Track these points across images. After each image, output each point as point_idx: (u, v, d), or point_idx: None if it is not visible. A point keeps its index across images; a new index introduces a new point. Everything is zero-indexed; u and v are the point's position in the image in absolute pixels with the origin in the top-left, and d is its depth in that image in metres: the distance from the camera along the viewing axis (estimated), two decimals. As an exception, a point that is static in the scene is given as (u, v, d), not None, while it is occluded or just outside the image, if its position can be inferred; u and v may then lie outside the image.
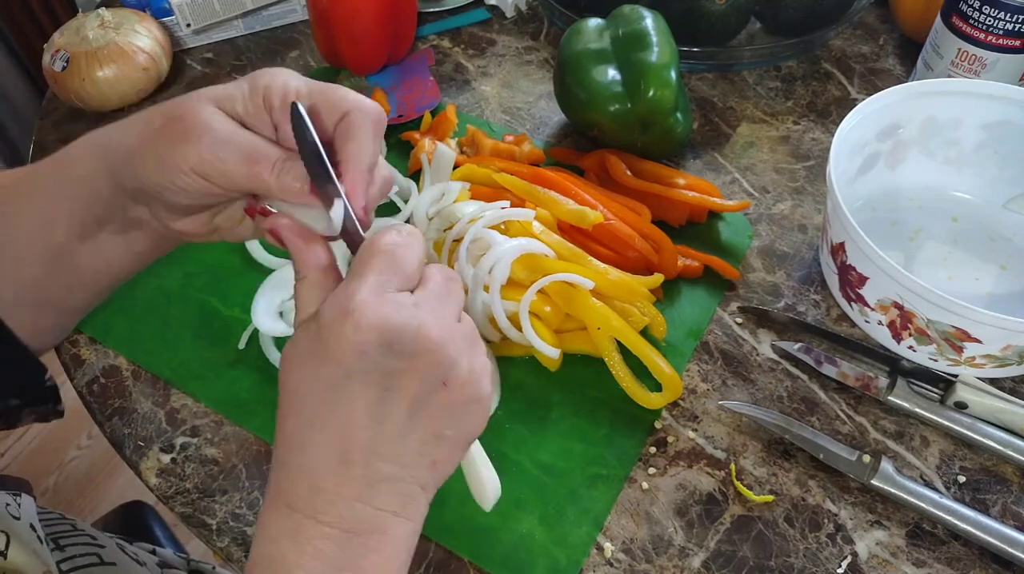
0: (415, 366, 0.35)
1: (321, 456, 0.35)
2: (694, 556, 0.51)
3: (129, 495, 1.24)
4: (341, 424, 0.35)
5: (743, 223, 0.68)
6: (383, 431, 0.35)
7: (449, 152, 0.68)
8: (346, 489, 0.35)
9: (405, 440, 0.36)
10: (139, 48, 0.78)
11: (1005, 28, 0.66)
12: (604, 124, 0.68)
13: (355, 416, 0.35)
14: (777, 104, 0.79)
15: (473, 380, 0.37)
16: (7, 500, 0.49)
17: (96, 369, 0.62)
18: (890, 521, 0.52)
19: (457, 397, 0.37)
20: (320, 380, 0.35)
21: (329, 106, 0.39)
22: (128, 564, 0.60)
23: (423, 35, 0.88)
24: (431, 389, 0.36)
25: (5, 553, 0.45)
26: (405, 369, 0.35)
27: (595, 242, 0.62)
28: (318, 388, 0.35)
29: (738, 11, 0.78)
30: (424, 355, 0.35)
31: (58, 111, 0.82)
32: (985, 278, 0.63)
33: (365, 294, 0.34)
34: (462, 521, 0.52)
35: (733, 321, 0.62)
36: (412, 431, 0.36)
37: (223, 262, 0.67)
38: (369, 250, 0.36)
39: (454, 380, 0.36)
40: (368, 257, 0.36)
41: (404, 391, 0.35)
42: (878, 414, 0.57)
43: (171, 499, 0.54)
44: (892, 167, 0.68)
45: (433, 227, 0.63)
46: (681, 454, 0.55)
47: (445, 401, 0.36)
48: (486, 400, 0.39)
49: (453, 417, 0.37)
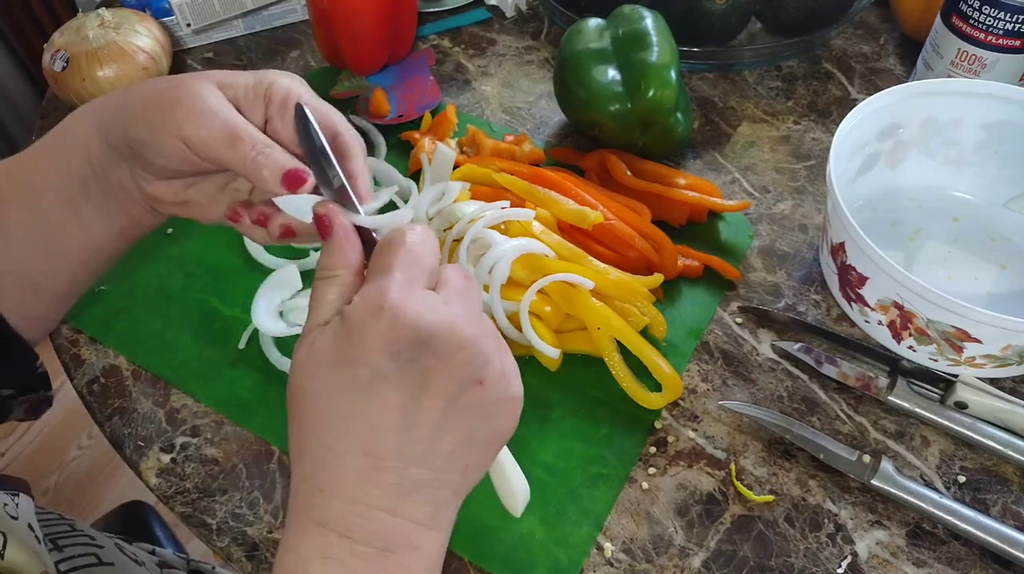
0: (450, 363, 0.34)
1: (353, 466, 0.34)
2: (694, 556, 0.51)
3: (129, 495, 1.24)
4: (373, 428, 0.34)
5: (743, 223, 0.68)
6: (417, 434, 0.34)
7: (449, 152, 0.68)
8: (380, 500, 0.34)
9: (439, 443, 0.35)
10: (139, 48, 0.78)
11: (1005, 28, 0.66)
12: (604, 124, 0.68)
13: (388, 419, 0.34)
14: (777, 104, 0.79)
15: (507, 377, 0.37)
16: (5, 500, 0.49)
17: (96, 369, 0.62)
18: (890, 521, 0.52)
19: (491, 395, 0.36)
20: (349, 383, 0.34)
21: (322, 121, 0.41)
22: (127, 564, 0.60)
23: (423, 35, 0.88)
24: (466, 386, 0.35)
25: (3, 553, 0.45)
26: (440, 367, 0.34)
27: (595, 242, 0.62)
28: (347, 391, 0.34)
29: (738, 11, 0.78)
30: (459, 353, 0.34)
31: (58, 111, 0.82)
32: (985, 278, 0.63)
33: (396, 291, 0.33)
34: (462, 521, 0.51)
35: (733, 321, 0.62)
36: (447, 433, 0.35)
37: (223, 262, 0.67)
38: (391, 247, 0.36)
39: (489, 377, 0.36)
40: (391, 255, 0.35)
41: (439, 390, 0.34)
42: (878, 414, 0.57)
43: (171, 499, 0.54)
44: (892, 167, 0.68)
45: (433, 227, 0.63)
46: (681, 454, 0.55)
47: (480, 399, 0.36)
48: (517, 400, 0.38)
49: (487, 417, 0.36)
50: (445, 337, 0.34)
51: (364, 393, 0.34)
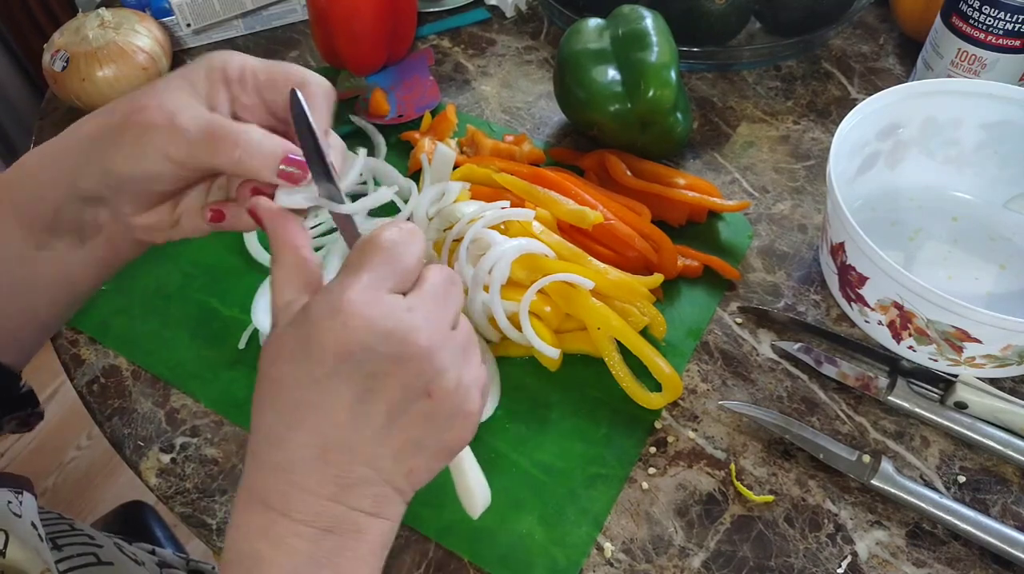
0: (399, 371, 0.34)
1: (298, 454, 0.35)
2: (694, 556, 0.51)
3: (129, 495, 1.24)
4: (320, 421, 0.34)
5: (743, 223, 0.68)
6: (362, 434, 0.35)
7: (449, 152, 0.68)
8: (323, 488, 0.35)
9: (382, 446, 0.35)
10: (139, 48, 0.78)
11: (1005, 28, 0.66)
12: (604, 124, 0.68)
13: (335, 414, 0.34)
14: (777, 104, 0.79)
15: (460, 393, 0.36)
16: (9, 497, 0.49)
17: (96, 369, 0.62)
18: (890, 521, 0.52)
19: (440, 409, 0.36)
20: (303, 375, 0.34)
21: (284, 77, 0.41)
22: (126, 564, 0.60)
23: (423, 35, 0.88)
24: (413, 397, 0.35)
25: (4, 551, 0.45)
26: (388, 373, 0.34)
27: (595, 242, 0.62)
28: (300, 382, 0.34)
29: (738, 11, 0.78)
30: (409, 362, 0.34)
31: (58, 111, 0.82)
32: (985, 278, 0.63)
33: (357, 293, 0.34)
34: (462, 521, 0.52)
35: (733, 321, 0.62)
36: (389, 437, 0.35)
37: (222, 262, 0.67)
38: (367, 246, 0.36)
39: (438, 391, 0.35)
40: (365, 253, 0.35)
41: (385, 395, 0.34)
42: (878, 414, 0.57)
43: (171, 499, 0.54)
44: (892, 167, 0.68)
45: (433, 227, 0.63)
46: (681, 454, 0.55)
47: (427, 411, 0.35)
48: (474, 415, 0.37)
49: (434, 428, 0.36)
50: (397, 344, 0.34)
51: (316, 387, 0.34)
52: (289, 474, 0.35)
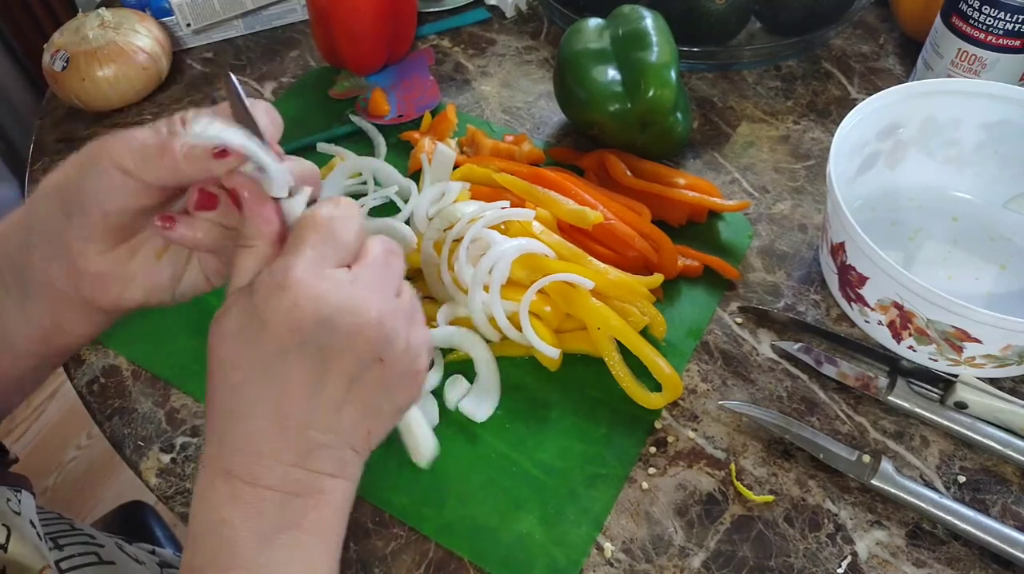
0: (351, 344, 0.35)
1: (258, 426, 0.35)
2: (694, 556, 0.51)
3: (129, 495, 1.24)
4: (277, 396, 0.35)
5: (743, 223, 0.68)
6: (319, 405, 0.36)
7: (449, 152, 0.68)
8: (284, 454, 0.36)
9: (340, 413, 0.37)
10: (139, 48, 0.78)
11: (1005, 28, 0.66)
12: (604, 124, 0.68)
13: (291, 389, 0.35)
14: (777, 104, 0.79)
15: (410, 355, 0.38)
16: (8, 495, 0.49)
17: (96, 369, 0.62)
18: (890, 521, 0.52)
19: (392, 372, 0.37)
20: (256, 353, 0.35)
21: None
22: (127, 563, 0.60)
23: (423, 35, 0.88)
24: (367, 365, 0.36)
25: (6, 546, 0.45)
26: (342, 347, 0.35)
27: (595, 242, 0.62)
28: (253, 361, 0.35)
29: (738, 11, 0.78)
30: (360, 333, 0.35)
31: (58, 111, 0.82)
32: (985, 278, 0.63)
33: (301, 270, 0.34)
34: (462, 521, 0.52)
35: (733, 321, 0.62)
36: (347, 404, 0.37)
37: (223, 262, 0.67)
38: (306, 223, 0.36)
39: (390, 356, 0.37)
40: (305, 231, 0.36)
41: (340, 368, 0.36)
42: (878, 414, 0.57)
43: (171, 499, 0.54)
44: (892, 167, 0.68)
45: (433, 227, 0.63)
46: (681, 454, 0.55)
47: (381, 376, 0.37)
48: (421, 374, 0.40)
49: (388, 391, 0.38)
50: (347, 318, 0.35)
51: (269, 364, 0.35)
52: (251, 445, 0.36)
